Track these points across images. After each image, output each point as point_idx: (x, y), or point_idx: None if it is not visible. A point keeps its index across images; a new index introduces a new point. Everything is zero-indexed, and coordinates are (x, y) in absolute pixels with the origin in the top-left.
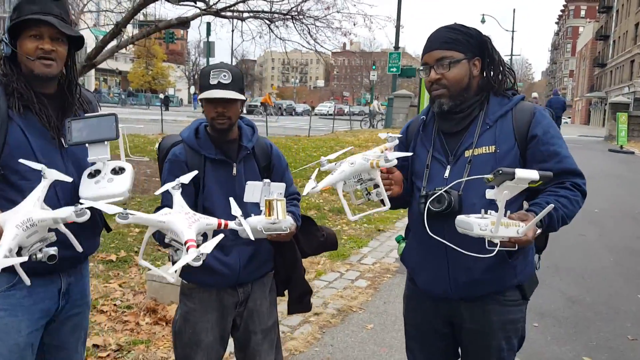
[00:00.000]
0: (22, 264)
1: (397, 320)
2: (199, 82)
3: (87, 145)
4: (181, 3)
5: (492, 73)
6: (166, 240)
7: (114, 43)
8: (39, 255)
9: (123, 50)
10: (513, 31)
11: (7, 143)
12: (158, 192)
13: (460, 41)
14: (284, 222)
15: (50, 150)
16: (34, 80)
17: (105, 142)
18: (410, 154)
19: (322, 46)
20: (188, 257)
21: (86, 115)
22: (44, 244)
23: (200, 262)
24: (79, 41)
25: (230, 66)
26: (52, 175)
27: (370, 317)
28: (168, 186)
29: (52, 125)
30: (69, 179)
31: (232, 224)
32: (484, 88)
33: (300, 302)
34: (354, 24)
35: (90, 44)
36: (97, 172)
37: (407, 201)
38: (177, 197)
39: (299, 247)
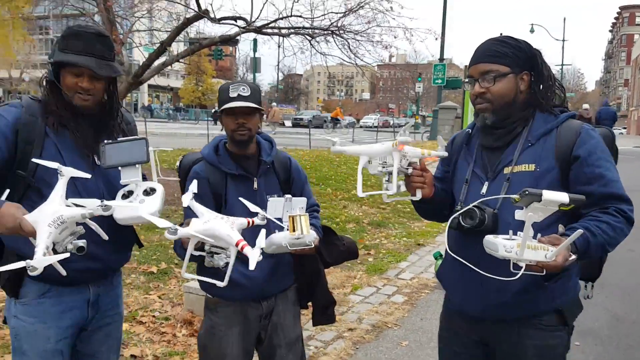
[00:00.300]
0: (50, 273)
1: (433, 337)
2: (218, 98)
3: (120, 168)
4: (222, 22)
5: (540, 88)
6: (206, 249)
7: (160, 61)
8: (69, 247)
9: (175, 67)
10: (564, 40)
11: (42, 158)
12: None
13: (507, 54)
14: (308, 237)
15: (82, 167)
16: (70, 105)
17: (137, 165)
18: (445, 153)
19: (362, 60)
20: (255, 254)
21: (119, 139)
22: (74, 237)
23: (260, 257)
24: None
25: (248, 81)
26: (68, 172)
27: (406, 334)
28: (186, 201)
29: (87, 144)
30: (87, 175)
31: (257, 221)
32: (531, 103)
33: (325, 313)
34: (395, 37)
35: (140, 60)
36: (130, 193)
37: (443, 215)
38: (201, 207)
39: (321, 257)
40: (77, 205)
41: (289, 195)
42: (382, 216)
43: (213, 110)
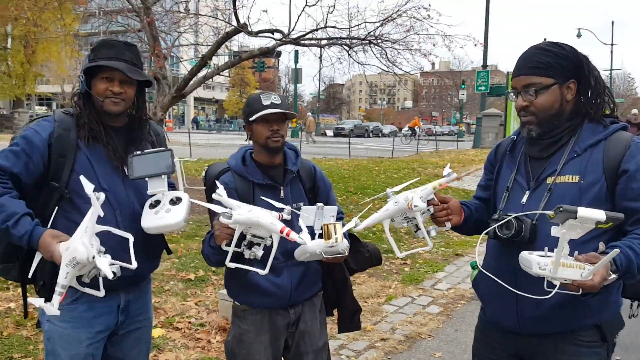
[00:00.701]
0: (83, 281)
1: (467, 349)
2: (248, 108)
3: (147, 179)
4: (259, 35)
5: (588, 96)
6: (248, 238)
7: (202, 74)
8: (101, 274)
9: (219, 80)
10: (612, 44)
11: (75, 170)
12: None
13: (550, 65)
14: (341, 245)
15: (113, 178)
16: (104, 116)
17: (163, 176)
18: (453, 176)
19: (400, 68)
20: (304, 237)
21: (146, 151)
22: (97, 270)
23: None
24: (148, 82)
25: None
26: (102, 198)
27: (439, 345)
28: (221, 193)
29: (117, 156)
30: (101, 213)
31: (285, 215)
32: (579, 112)
33: (352, 320)
34: (434, 45)
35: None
36: (157, 202)
37: (484, 228)
38: (235, 201)
39: (346, 264)
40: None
41: (321, 204)
42: None
43: (243, 125)
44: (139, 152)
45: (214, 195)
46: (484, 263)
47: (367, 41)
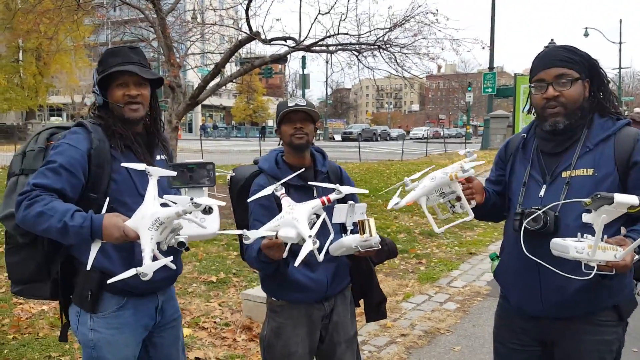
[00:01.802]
0: (128, 285)
1: (485, 343)
2: (277, 113)
3: (185, 188)
4: (272, 43)
5: (601, 94)
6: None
7: (215, 82)
8: (172, 242)
9: (227, 86)
10: (620, 43)
11: (114, 180)
12: (252, 199)
13: (576, 61)
14: (374, 239)
15: (146, 182)
16: (125, 124)
17: (203, 188)
18: (482, 162)
19: (409, 72)
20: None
21: (187, 161)
22: (175, 234)
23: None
24: (159, 81)
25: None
26: (156, 172)
27: (458, 340)
28: (269, 190)
29: (147, 162)
30: (173, 173)
31: (333, 196)
32: (590, 110)
33: (379, 310)
34: (442, 49)
35: (194, 81)
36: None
37: (497, 215)
38: (287, 199)
39: (370, 258)
40: (167, 205)
41: (352, 202)
42: None
43: (262, 126)
44: (180, 162)
45: (275, 189)
46: (504, 255)
47: (377, 46)
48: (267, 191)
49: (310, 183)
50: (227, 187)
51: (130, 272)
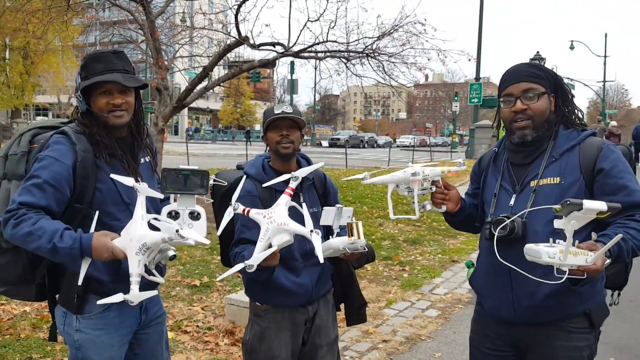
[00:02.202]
0: (114, 291)
1: (465, 350)
2: (263, 119)
3: (178, 195)
4: (261, 48)
5: (566, 108)
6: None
7: (202, 85)
8: (163, 262)
9: (215, 89)
10: (605, 56)
11: (99, 189)
12: (218, 232)
13: (542, 77)
14: (361, 241)
15: (131, 190)
16: (110, 129)
17: (195, 196)
18: (463, 167)
19: (396, 81)
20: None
21: (181, 167)
22: (163, 254)
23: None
24: (145, 85)
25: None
26: (145, 191)
27: (439, 346)
28: (229, 214)
29: (132, 169)
30: (160, 195)
31: (293, 184)
32: (556, 123)
33: (359, 313)
34: (428, 59)
35: (182, 83)
36: (177, 214)
37: (472, 225)
38: (254, 211)
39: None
40: (155, 228)
41: (340, 205)
42: (418, 233)
43: (247, 130)
44: (174, 168)
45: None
46: (478, 262)
47: (365, 54)
48: (228, 216)
49: (264, 185)
50: (210, 191)
51: (118, 298)
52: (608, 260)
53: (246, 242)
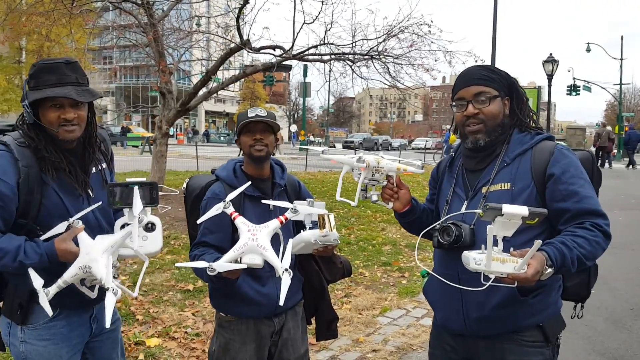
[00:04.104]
0: (61, 302)
1: None
2: (237, 123)
3: (127, 208)
4: (261, 52)
5: (520, 111)
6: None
7: (207, 89)
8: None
9: (231, 94)
10: (622, 59)
11: (44, 205)
12: (201, 220)
13: (495, 80)
14: (333, 234)
15: (79, 204)
16: (59, 143)
17: (145, 208)
18: (420, 170)
19: (402, 84)
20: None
21: (128, 181)
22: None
23: None
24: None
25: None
26: (80, 223)
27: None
28: (217, 209)
29: (81, 181)
30: (108, 240)
31: (289, 214)
32: (510, 126)
33: (329, 328)
34: (435, 60)
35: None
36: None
37: (422, 229)
38: (241, 219)
39: (323, 275)
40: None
41: (311, 199)
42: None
43: (235, 139)
44: (121, 182)
45: (218, 211)
46: (433, 271)
47: (370, 56)
48: (215, 210)
49: (264, 201)
50: (183, 196)
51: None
52: (549, 270)
53: (207, 245)
